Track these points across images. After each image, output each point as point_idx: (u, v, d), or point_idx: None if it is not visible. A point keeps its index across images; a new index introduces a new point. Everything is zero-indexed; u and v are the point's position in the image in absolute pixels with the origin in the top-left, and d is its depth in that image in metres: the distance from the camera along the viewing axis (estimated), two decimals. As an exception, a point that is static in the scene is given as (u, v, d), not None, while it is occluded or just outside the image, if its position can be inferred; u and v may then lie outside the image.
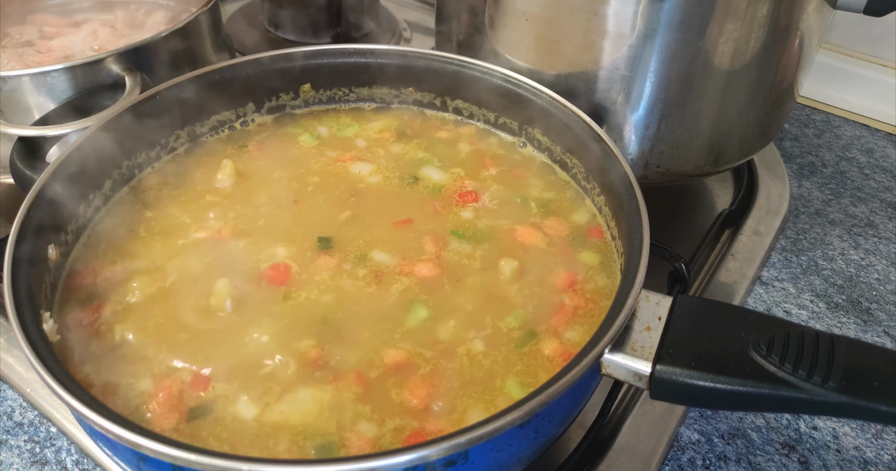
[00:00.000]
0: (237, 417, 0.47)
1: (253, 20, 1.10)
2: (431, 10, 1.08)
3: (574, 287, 0.55)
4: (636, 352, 0.45)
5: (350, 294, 0.54)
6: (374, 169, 0.65)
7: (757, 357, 0.43)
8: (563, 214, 0.61)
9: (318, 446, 0.45)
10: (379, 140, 0.69)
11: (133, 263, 0.56)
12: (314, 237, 0.58)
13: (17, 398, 0.63)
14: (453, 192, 0.63)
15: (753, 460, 0.60)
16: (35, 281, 0.50)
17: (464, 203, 0.62)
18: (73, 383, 0.43)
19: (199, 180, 0.64)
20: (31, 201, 0.52)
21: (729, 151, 0.71)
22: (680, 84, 0.64)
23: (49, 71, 0.67)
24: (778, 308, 0.73)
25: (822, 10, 0.64)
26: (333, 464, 0.38)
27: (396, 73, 0.70)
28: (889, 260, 0.78)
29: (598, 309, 0.54)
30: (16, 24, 0.88)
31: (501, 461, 0.44)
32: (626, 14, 0.60)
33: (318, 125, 0.71)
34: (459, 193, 0.63)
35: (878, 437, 0.62)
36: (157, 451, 0.38)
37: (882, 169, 0.92)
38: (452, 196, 0.63)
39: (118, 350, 0.50)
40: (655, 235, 0.50)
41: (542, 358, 0.51)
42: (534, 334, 0.52)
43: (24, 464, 0.58)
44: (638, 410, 0.60)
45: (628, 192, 0.54)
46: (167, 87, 0.63)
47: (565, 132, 0.62)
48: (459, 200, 0.62)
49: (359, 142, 0.69)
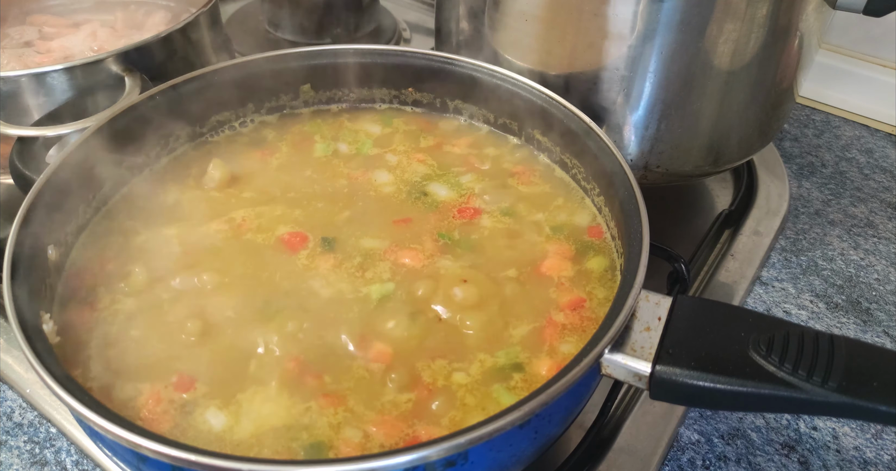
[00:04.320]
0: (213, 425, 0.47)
1: (253, 20, 1.10)
2: (431, 10, 1.08)
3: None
4: (636, 352, 0.45)
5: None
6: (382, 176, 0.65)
7: (757, 357, 0.43)
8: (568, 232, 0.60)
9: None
10: (378, 141, 0.69)
11: (133, 264, 0.56)
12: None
13: (17, 399, 0.63)
14: (453, 206, 0.62)
15: (753, 461, 0.60)
16: (35, 281, 0.50)
17: (462, 218, 0.61)
18: (73, 383, 0.43)
19: (199, 180, 0.64)
20: (31, 201, 0.52)
21: (729, 151, 0.71)
22: (680, 84, 0.64)
23: (49, 71, 0.67)
24: (778, 308, 0.73)
25: (821, 11, 0.64)
26: (333, 464, 0.38)
27: (396, 73, 0.70)
28: (889, 260, 0.78)
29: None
30: (15, 24, 0.88)
31: (501, 462, 0.44)
32: (625, 14, 0.60)
33: (317, 126, 0.71)
34: (459, 208, 0.62)
35: (878, 437, 0.62)
36: (157, 451, 0.38)
37: (882, 169, 0.92)
38: (451, 210, 0.62)
39: (118, 351, 0.50)
40: (655, 235, 0.50)
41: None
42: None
43: (23, 465, 0.58)
44: (638, 410, 0.60)
45: (628, 192, 0.54)
46: (167, 87, 0.63)
47: (565, 133, 0.62)
48: (458, 215, 0.61)
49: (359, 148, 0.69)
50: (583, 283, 0.56)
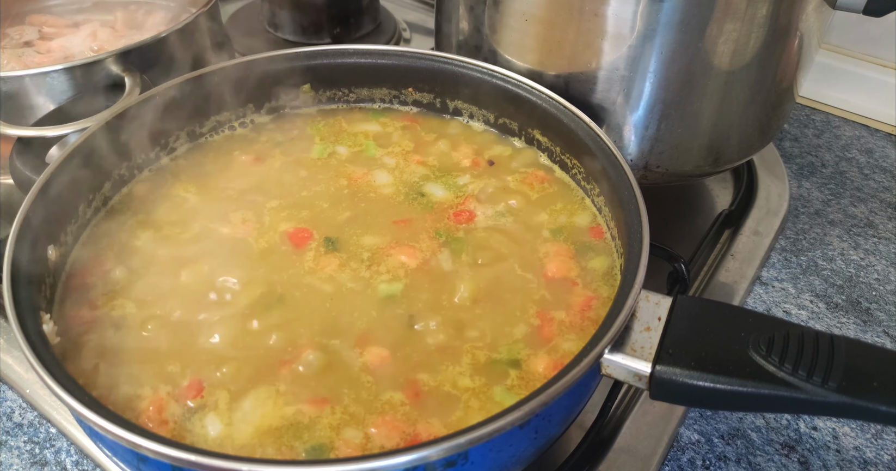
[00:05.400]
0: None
1: (253, 21, 1.09)
2: (431, 10, 1.08)
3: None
4: (636, 352, 0.45)
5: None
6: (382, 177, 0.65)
7: (757, 357, 0.43)
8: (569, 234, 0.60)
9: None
10: (378, 139, 0.69)
11: (133, 264, 0.56)
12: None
13: (17, 399, 0.63)
14: (449, 207, 0.62)
15: (753, 461, 0.60)
16: (35, 281, 0.50)
17: (461, 218, 0.61)
18: (73, 383, 0.43)
19: (201, 181, 0.64)
20: (31, 202, 0.52)
21: (728, 151, 0.71)
22: (679, 84, 0.64)
23: (49, 71, 0.67)
24: (778, 308, 0.73)
25: (821, 11, 0.64)
26: (333, 464, 0.38)
27: (396, 73, 0.70)
28: (889, 260, 0.78)
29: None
30: (15, 24, 0.88)
31: (501, 462, 0.44)
32: (625, 14, 0.60)
33: (317, 126, 0.71)
34: (458, 208, 0.62)
35: (878, 437, 0.62)
36: (157, 451, 0.38)
37: (882, 169, 0.92)
38: (447, 212, 0.62)
39: (118, 351, 0.50)
40: (655, 235, 0.50)
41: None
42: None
43: (23, 465, 0.58)
44: (638, 410, 0.60)
45: (628, 192, 0.54)
46: (167, 87, 0.63)
47: (565, 133, 0.62)
48: (457, 215, 0.61)
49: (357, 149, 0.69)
50: (583, 283, 0.56)
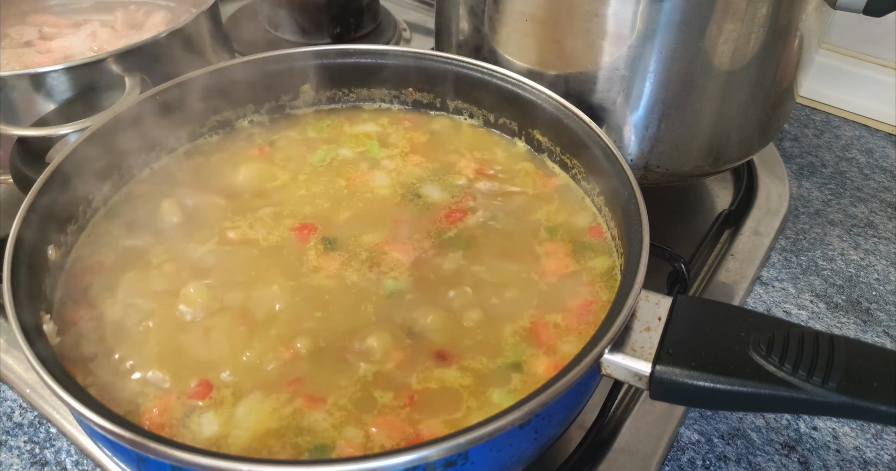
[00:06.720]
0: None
1: (253, 20, 1.09)
2: (431, 10, 1.08)
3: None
4: (636, 352, 0.45)
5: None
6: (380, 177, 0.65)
7: (757, 357, 0.43)
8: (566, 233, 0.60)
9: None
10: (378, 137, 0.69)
11: (133, 264, 0.56)
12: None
13: (17, 399, 0.63)
14: (448, 207, 0.62)
15: (753, 461, 0.60)
16: (35, 281, 0.50)
17: (452, 222, 0.61)
18: (73, 383, 0.43)
19: (201, 181, 0.64)
20: (31, 202, 0.52)
21: (729, 151, 0.71)
22: (679, 84, 0.64)
23: (49, 71, 0.67)
24: (778, 308, 0.73)
25: (821, 11, 0.64)
26: (333, 464, 0.38)
27: (396, 73, 0.70)
28: (889, 260, 0.78)
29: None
30: (15, 24, 0.88)
31: (501, 462, 0.44)
32: (625, 14, 0.60)
33: (317, 126, 0.71)
34: (447, 212, 0.61)
35: (878, 437, 0.62)
36: (157, 451, 0.38)
37: (882, 169, 0.92)
38: (445, 211, 0.61)
39: (118, 351, 0.50)
40: (655, 235, 0.50)
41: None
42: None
43: (23, 465, 0.58)
44: (638, 410, 0.60)
45: (628, 192, 0.54)
46: (167, 87, 0.63)
47: (565, 133, 0.62)
48: (457, 215, 0.61)
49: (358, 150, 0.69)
50: (584, 282, 0.56)
